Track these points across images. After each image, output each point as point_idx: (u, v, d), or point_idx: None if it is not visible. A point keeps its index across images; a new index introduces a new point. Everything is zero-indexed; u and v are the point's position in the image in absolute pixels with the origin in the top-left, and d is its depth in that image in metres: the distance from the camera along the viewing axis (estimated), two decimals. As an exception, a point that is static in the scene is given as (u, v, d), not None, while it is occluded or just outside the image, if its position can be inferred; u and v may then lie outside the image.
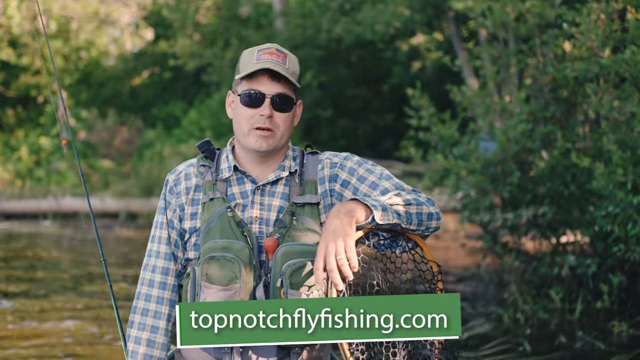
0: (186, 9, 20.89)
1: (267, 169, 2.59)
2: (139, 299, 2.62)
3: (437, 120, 8.00)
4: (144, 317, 2.60)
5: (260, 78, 2.50)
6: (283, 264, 2.42)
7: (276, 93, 2.50)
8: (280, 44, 2.44)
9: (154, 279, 2.61)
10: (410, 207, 2.38)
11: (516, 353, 5.71)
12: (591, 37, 6.20)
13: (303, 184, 2.57)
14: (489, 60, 8.57)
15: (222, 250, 2.43)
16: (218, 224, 2.48)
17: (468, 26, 16.13)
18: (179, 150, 18.82)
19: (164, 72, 26.03)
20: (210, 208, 2.52)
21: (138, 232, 15.52)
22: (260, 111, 2.50)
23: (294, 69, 2.54)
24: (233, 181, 2.58)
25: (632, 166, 5.78)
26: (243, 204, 2.54)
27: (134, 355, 2.59)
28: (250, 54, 2.54)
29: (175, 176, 2.64)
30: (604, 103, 6.21)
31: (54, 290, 8.49)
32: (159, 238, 2.63)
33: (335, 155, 2.64)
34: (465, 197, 7.88)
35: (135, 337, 2.60)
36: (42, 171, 21.59)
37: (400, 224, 2.34)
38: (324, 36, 17.72)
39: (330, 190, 2.58)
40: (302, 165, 2.62)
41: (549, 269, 7.05)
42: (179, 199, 2.60)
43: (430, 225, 2.43)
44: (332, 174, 2.60)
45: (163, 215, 2.63)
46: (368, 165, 2.61)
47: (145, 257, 2.66)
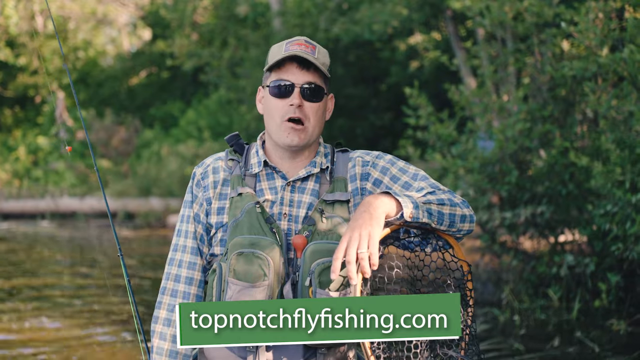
0: (184, 9, 20.88)
1: (298, 165, 2.53)
2: (164, 294, 2.57)
3: (435, 119, 8.00)
4: (169, 313, 2.55)
5: (289, 67, 2.45)
6: (312, 262, 2.36)
7: (305, 82, 2.45)
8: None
9: (180, 274, 2.55)
10: (444, 207, 2.32)
11: (514, 352, 5.71)
12: (589, 36, 6.20)
13: (333, 181, 2.51)
14: (486, 59, 8.57)
15: (251, 246, 2.37)
16: (246, 220, 2.41)
17: (466, 25, 16.16)
18: (176, 150, 18.80)
19: (162, 71, 26.04)
20: (239, 203, 2.46)
21: (136, 231, 15.51)
22: (290, 101, 2.44)
23: (323, 60, 2.49)
24: (262, 176, 2.53)
25: (630, 165, 5.78)
26: (272, 199, 2.49)
27: (159, 351, 2.54)
28: (278, 47, 2.49)
29: (203, 169, 2.58)
30: (602, 102, 6.21)
31: (51, 290, 8.49)
32: (185, 232, 2.57)
33: (367, 154, 2.58)
34: (463, 196, 7.88)
35: (161, 332, 2.55)
36: (40, 171, 21.58)
37: (431, 223, 2.28)
38: (321, 36, 17.70)
39: (362, 188, 2.52)
40: (333, 163, 2.56)
41: (547, 268, 7.05)
42: (206, 192, 2.54)
43: (462, 227, 2.36)
44: (364, 172, 2.54)
45: (190, 209, 2.57)
46: (401, 164, 2.55)
47: (170, 252, 2.60)
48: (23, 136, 24.23)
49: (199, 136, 20.18)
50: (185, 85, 25.06)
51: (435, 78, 18.19)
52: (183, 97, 24.69)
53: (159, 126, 22.68)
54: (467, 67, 13.75)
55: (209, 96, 21.58)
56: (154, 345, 2.55)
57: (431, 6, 15.48)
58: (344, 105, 20.19)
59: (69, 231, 15.82)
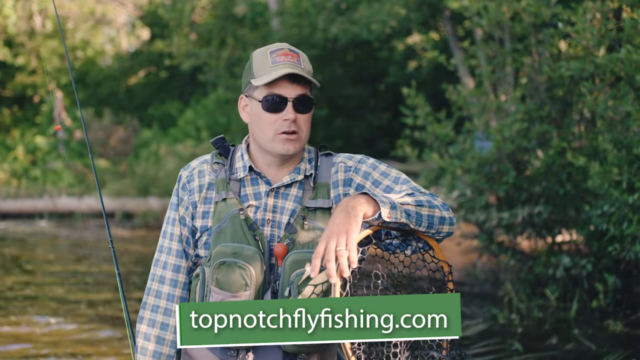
0: (182, 9, 20.89)
1: (282, 171, 2.55)
2: (149, 295, 2.59)
3: (432, 119, 8.01)
4: (154, 314, 2.58)
5: (280, 82, 2.45)
6: (292, 272, 2.38)
7: (297, 96, 2.46)
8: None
9: (165, 276, 2.58)
10: (422, 209, 2.32)
11: (511, 352, 5.72)
12: (586, 36, 6.22)
13: (316, 188, 2.53)
14: (484, 59, 8.59)
15: (233, 255, 2.39)
16: (230, 227, 2.43)
17: (464, 25, 16.17)
18: (174, 150, 18.80)
19: (160, 71, 26.03)
20: (223, 208, 2.47)
21: (134, 231, 15.51)
22: (284, 115, 2.45)
23: (308, 68, 2.50)
24: (247, 181, 2.54)
25: (627, 165, 5.79)
26: (256, 205, 2.50)
27: (143, 351, 2.57)
28: (262, 56, 2.48)
29: (189, 172, 2.59)
30: (599, 102, 6.23)
31: (49, 289, 8.50)
32: (170, 234, 2.59)
33: (350, 159, 2.59)
34: (460, 196, 7.90)
35: (145, 333, 2.57)
36: (38, 171, 21.57)
37: (409, 223, 2.28)
38: (319, 35, 17.70)
39: (345, 194, 2.53)
40: (317, 168, 2.57)
41: (544, 268, 7.07)
42: (192, 196, 2.56)
43: (441, 229, 2.36)
44: (347, 178, 2.55)
45: (175, 212, 2.59)
46: (383, 168, 2.56)
47: (156, 253, 2.62)
48: (21, 136, 24.21)
49: (197, 136, 20.18)
50: (184, 85, 25.05)
51: (433, 78, 18.21)
52: (181, 97, 24.68)
53: (157, 126, 22.67)
54: (465, 67, 13.76)
55: (207, 96, 21.58)
56: (138, 346, 2.58)
57: (429, 6, 15.49)
58: (342, 105, 20.19)
59: (67, 231, 15.82)
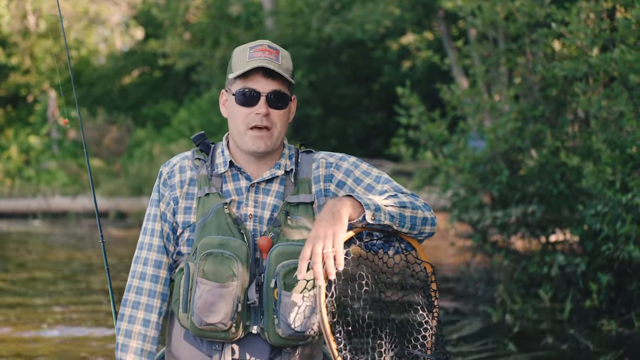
0: (176, 8, 20.87)
1: (262, 167, 2.57)
2: (129, 292, 2.59)
3: (426, 119, 8.00)
4: (135, 310, 2.57)
5: (255, 76, 2.48)
6: (277, 264, 2.39)
7: (271, 90, 2.48)
8: (269, 43, 2.42)
9: (145, 272, 2.58)
10: (405, 210, 2.35)
11: (505, 352, 5.71)
12: (580, 36, 6.20)
13: (298, 183, 2.55)
14: (478, 59, 8.58)
15: (220, 246, 2.40)
16: (214, 220, 2.45)
17: (458, 25, 16.16)
18: (168, 149, 18.80)
19: (154, 71, 26.01)
20: (206, 203, 2.49)
21: (128, 231, 15.48)
22: (256, 110, 2.48)
23: (287, 65, 2.52)
24: (228, 177, 2.56)
25: (620, 165, 5.78)
26: (238, 200, 2.52)
27: (124, 348, 2.55)
28: (242, 52, 2.51)
29: (170, 168, 2.61)
30: (593, 102, 6.22)
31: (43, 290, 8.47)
32: (151, 230, 2.60)
33: (331, 155, 2.62)
34: (454, 195, 7.89)
35: (126, 330, 2.56)
36: (32, 170, 21.54)
37: (392, 225, 2.31)
38: (314, 35, 17.70)
39: (326, 190, 2.56)
40: (297, 164, 2.59)
41: (538, 268, 7.06)
42: (173, 191, 2.57)
43: (424, 230, 2.39)
44: (328, 174, 2.58)
45: (156, 208, 2.60)
46: (364, 167, 2.58)
47: (136, 249, 2.62)
48: (15, 135, 24.17)
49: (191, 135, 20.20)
50: (178, 85, 25.04)
51: (427, 78, 18.22)
52: (175, 97, 24.67)
53: (151, 125, 22.64)
54: (459, 67, 13.77)
55: (201, 95, 21.56)
56: (119, 343, 2.57)
57: (423, 6, 15.51)
58: (336, 105, 20.20)
59: (60, 230, 15.79)
